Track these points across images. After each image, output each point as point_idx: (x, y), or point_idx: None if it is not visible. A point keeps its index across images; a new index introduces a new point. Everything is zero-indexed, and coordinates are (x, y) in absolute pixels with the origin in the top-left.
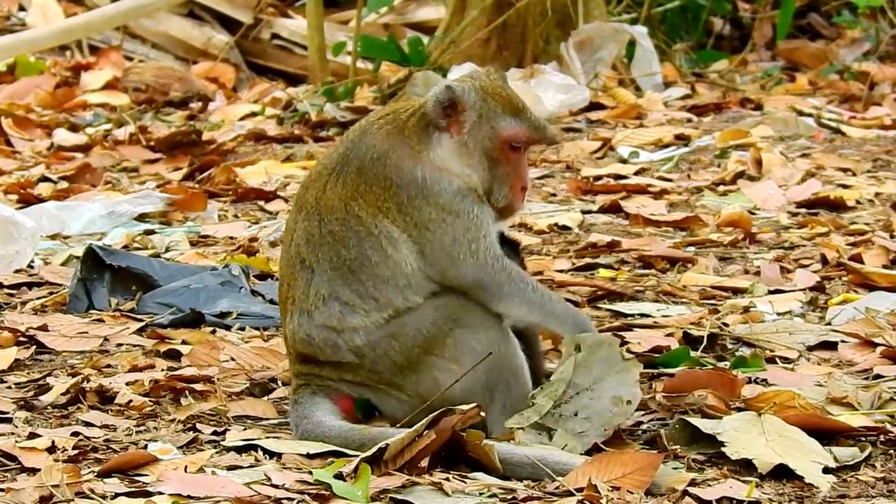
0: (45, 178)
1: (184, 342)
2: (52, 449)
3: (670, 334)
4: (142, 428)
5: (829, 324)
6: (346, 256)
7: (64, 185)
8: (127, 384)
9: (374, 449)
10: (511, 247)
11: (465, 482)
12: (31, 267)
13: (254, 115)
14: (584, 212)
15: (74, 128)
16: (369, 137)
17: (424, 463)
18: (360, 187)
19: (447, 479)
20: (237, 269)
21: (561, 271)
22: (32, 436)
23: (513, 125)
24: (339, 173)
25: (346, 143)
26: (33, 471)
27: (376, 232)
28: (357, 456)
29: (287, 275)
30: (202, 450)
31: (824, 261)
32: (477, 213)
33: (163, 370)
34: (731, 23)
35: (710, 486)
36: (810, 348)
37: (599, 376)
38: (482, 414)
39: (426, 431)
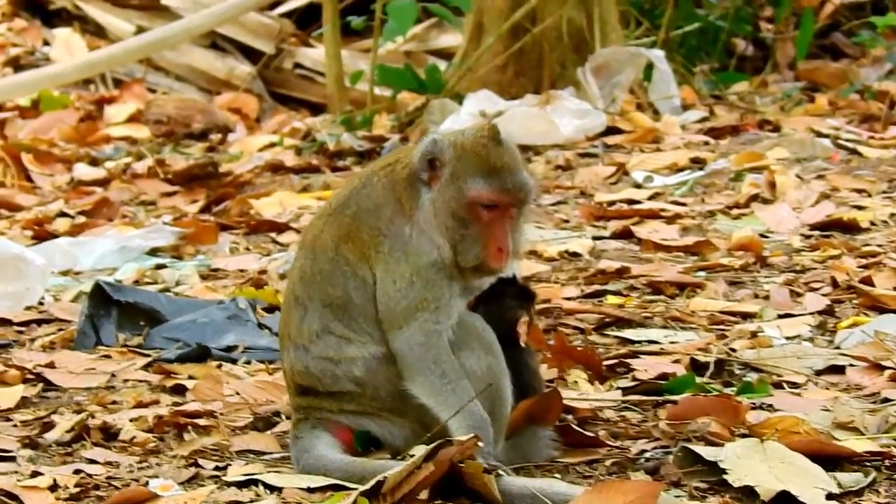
0: (62, 214)
1: (190, 377)
2: (53, 487)
3: (677, 360)
4: (144, 464)
5: (837, 348)
6: (333, 295)
7: (81, 219)
8: (131, 420)
9: (373, 482)
10: (524, 296)
11: None
12: (41, 304)
13: (272, 145)
14: (595, 238)
15: (95, 162)
16: (370, 188)
17: (423, 495)
18: (352, 231)
19: None
20: (244, 303)
21: (569, 298)
22: (35, 474)
23: (479, 186)
24: (338, 215)
25: (350, 188)
26: None
27: (360, 274)
28: (356, 489)
29: (284, 311)
30: (203, 485)
31: (835, 284)
32: (443, 289)
33: (167, 405)
34: (754, 43)
35: None
36: (818, 372)
37: None
38: (479, 444)
39: (424, 463)
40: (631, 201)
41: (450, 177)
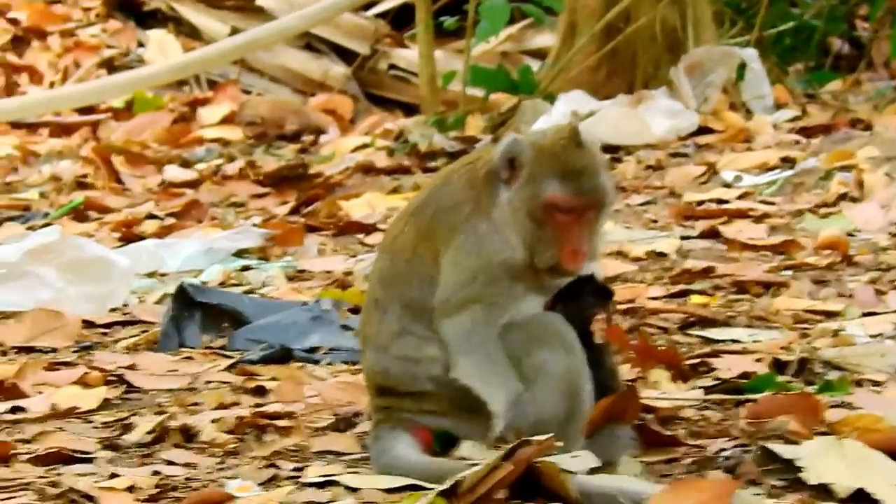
0: (151, 216)
1: (272, 378)
2: (131, 489)
3: (759, 359)
4: (223, 466)
5: None
6: (411, 297)
7: (170, 221)
8: (212, 422)
9: (451, 482)
10: (602, 294)
11: None
12: (126, 306)
13: (364, 147)
14: (682, 237)
15: (186, 164)
16: (449, 186)
17: (500, 495)
18: (430, 231)
19: None
20: (328, 304)
21: (654, 298)
22: (113, 475)
23: (554, 189)
24: (417, 215)
25: (431, 187)
26: None
27: (434, 276)
28: (434, 489)
29: (364, 312)
30: (281, 486)
31: None
32: (504, 289)
33: (248, 407)
34: (850, 42)
35: None
36: None
37: None
38: (557, 445)
39: (502, 463)
40: (720, 201)
41: (528, 178)
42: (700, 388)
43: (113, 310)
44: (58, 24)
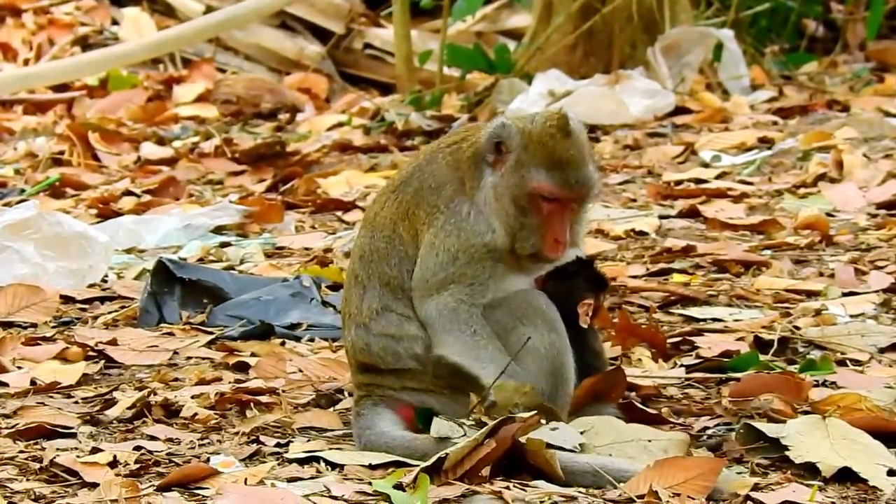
0: (128, 192)
1: (252, 354)
2: (113, 463)
3: (741, 338)
4: (205, 441)
5: None
6: (390, 274)
7: (147, 198)
8: (193, 397)
9: (434, 458)
10: (597, 283)
11: (526, 490)
12: (105, 281)
13: (341, 125)
14: (662, 217)
15: (162, 141)
16: (434, 166)
17: (485, 472)
18: (411, 209)
19: (507, 488)
20: (308, 281)
21: (634, 277)
22: (95, 450)
23: (541, 178)
24: (399, 192)
25: (415, 164)
26: (93, 486)
27: (412, 254)
28: (418, 465)
29: (346, 289)
30: (264, 462)
31: None
32: (486, 269)
33: (230, 383)
34: (825, 24)
35: (772, 490)
36: (882, 350)
37: None
38: (542, 422)
39: (486, 440)
40: (698, 180)
41: (514, 164)
42: (682, 366)
43: (91, 285)
44: (32, 2)
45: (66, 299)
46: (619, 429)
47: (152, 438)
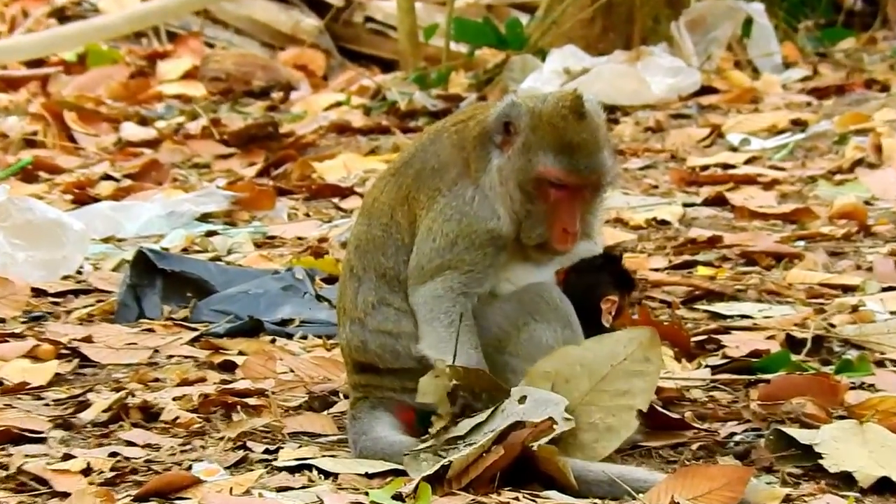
0: (107, 177)
1: (240, 353)
2: (87, 471)
3: (771, 337)
4: (187, 447)
5: None
6: (385, 265)
7: (127, 183)
8: (174, 399)
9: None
10: (623, 282)
11: (537, 501)
12: (80, 273)
13: (339, 105)
14: (686, 205)
15: (144, 121)
16: (437, 146)
17: (492, 481)
18: (411, 193)
19: (516, 499)
20: (301, 273)
21: (656, 270)
22: (67, 457)
23: (548, 163)
24: (399, 175)
25: (417, 145)
26: (64, 495)
27: (408, 241)
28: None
29: (341, 282)
30: (252, 470)
31: None
32: (486, 258)
33: (215, 384)
34: None
35: (805, 501)
36: None
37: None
38: (555, 427)
39: (494, 447)
40: (725, 166)
41: (522, 146)
42: (707, 367)
43: (66, 277)
44: None
45: (38, 292)
46: None
47: (130, 444)
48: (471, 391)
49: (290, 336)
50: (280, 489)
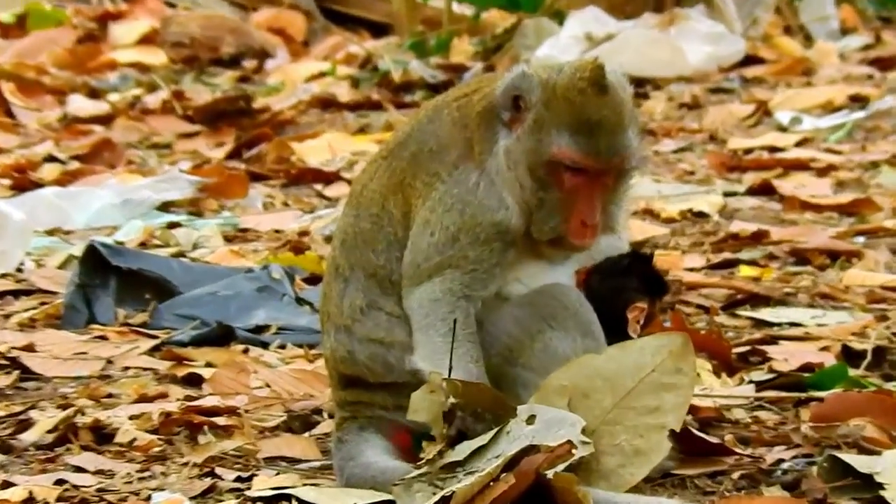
0: (51, 158)
1: (207, 364)
2: (29, 501)
3: (825, 348)
4: (146, 473)
5: None
6: (375, 263)
7: (75, 165)
8: (131, 418)
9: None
10: (655, 287)
11: None
12: (20, 270)
13: (322, 75)
14: (727, 194)
15: (95, 93)
16: (437, 124)
17: None
18: (406, 179)
19: None
20: (279, 272)
21: (692, 270)
22: (6, 484)
23: (562, 143)
24: (392, 158)
25: (413, 123)
26: None
27: (401, 235)
28: None
29: (325, 283)
30: (221, 500)
31: None
32: (493, 254)
33: (178, 400)
34: None
35: None
36: None
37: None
38: (573, 451)
39: (503, 474)
40: (773, 149)
41: (533, 124)
42: (751, 383)
43: (4, 275)
44: None
45: None
46: None
47: (79, 470)
48: (471, 410)
49: (265, 345)
50: None
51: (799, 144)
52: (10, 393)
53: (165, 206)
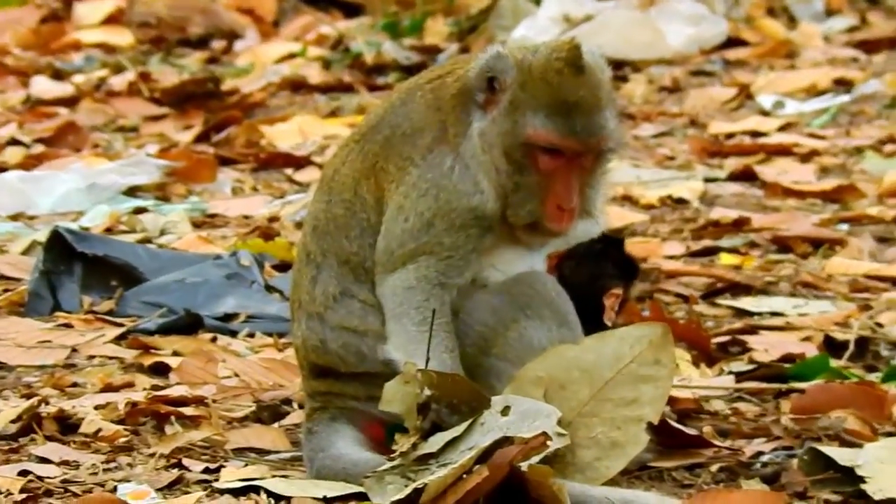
0: (14, 141)
1: (174, 353)
2: None
3: (807, 338)
4: (112, 465)
5: None
6: (348, 250)
7: (39, 149)
8: (96, 408)
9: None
10: (626, 270)
11: None
12: None
13: (293, 56)
14: (707, 180)
15: (59, 75)
16: (409, 107)
17: None
18: (378, 163)
19: None
20: (248, 259)
21: (671, 257)
22: None
23: (538, 124)
24: (365, 142)
25: (386, 106)
26: None
27: (374, 221)
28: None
29: (295, 270)
30: (188, 492)
31: None
32: (469, 240)
33: (144, 389)
34: None
35: None
36: None
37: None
38: (549, 443)
39: (476, 467)
40: (755, 133)
41: (508, 106)
42: (731, 373)
43: None
44: None
45: None
46: None
47: (43, 461)
48: (446, 401)
49: (234, 333)
50: None
51: (782, 129)
52: None
53: (132, 191)
